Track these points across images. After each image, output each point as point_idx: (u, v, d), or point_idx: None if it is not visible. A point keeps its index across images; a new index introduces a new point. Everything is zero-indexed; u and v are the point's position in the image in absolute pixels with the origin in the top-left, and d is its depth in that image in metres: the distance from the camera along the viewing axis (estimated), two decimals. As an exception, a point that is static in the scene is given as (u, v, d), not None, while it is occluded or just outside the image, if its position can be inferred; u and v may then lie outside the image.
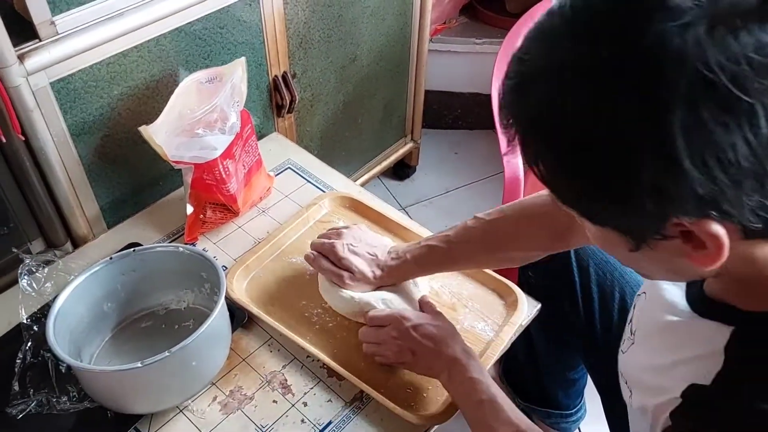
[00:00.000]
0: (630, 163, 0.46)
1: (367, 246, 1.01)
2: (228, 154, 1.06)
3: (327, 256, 1.01)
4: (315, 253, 1.02)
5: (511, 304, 1.04)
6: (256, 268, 1.08)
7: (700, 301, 0.65)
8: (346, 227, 1.05)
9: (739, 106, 0.43)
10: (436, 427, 0.91)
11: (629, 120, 0.45)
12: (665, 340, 0.70)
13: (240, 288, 1.04)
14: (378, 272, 1.00)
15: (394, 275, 1.00)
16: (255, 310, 0.99)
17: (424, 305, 0.99)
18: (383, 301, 0.99)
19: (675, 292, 0.70)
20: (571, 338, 1.12)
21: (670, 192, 0.46)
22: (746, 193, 0.46)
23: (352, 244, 1.00)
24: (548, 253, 0.94)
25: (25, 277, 0.93)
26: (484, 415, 0.82)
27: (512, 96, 0.52)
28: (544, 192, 0.92)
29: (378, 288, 1.01)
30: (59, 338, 0.83)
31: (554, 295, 1.10)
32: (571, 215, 0.57)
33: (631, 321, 0.81)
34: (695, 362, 0.62)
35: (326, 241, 1.02)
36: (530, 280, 1.14)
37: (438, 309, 0.98)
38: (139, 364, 0.77)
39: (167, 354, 0.78)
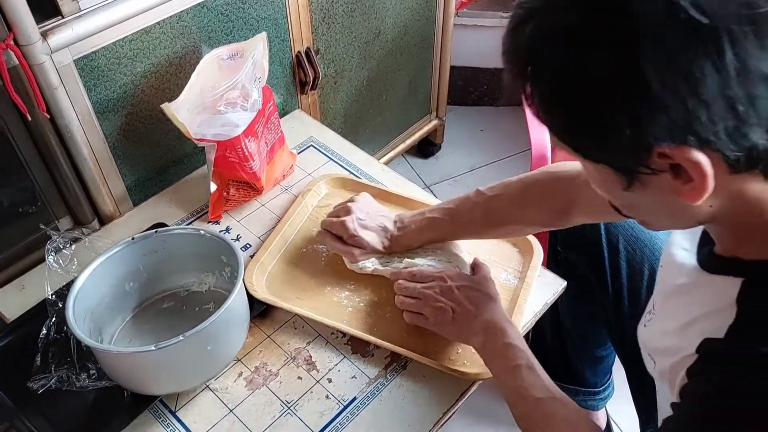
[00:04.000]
0: (605, 92, 0.50)
1: (376, 217, 1.03)
2: (250, 131, 1.05)
3: (339, 234, 1.01)
4: (325, 232, 1.03)
5: (526, 250, 1.06)
6: (271, 264, 1.05)
7: (709, 260, 0.66)
8: (350, 200, 1.04)
9: (702, 30, 0.46)
10: (459, 405, 0.90)
11: (602, 50, 0.49)
12: (679, 302, 0.70)
13: (260, 286, 1.01)
14: (387, 243, 1.02)
15: (399, 244, 1.02)
16: (286, 306, 0.98)
17: (478, 267, 1.00)
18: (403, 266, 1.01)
19: (686, 256, 0.71)
20: (598, 315, 1.11)
21: (644, 118, 0.49)
22: (719, 116, 0.48)
23: (360, 218, 1.01)
24: (548, 228, 1.00)
25: (52, 254, 0.94)
26: (520, 380, 0.82)
27: (509, 36, 0.56)
28: (548, 167, 0.95)
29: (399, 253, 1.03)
30: (78, 317, 0.83)
31: (583, 271, 1.09)
32: (572, 190, 0.60)
33: (652, 296, 0.81)
34: (708, 318, 0.62)
35: (335, 219, 1.02)
36: (559, 256, 1.12)
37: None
38: (153, 347, 0.78)
39: (181, 338, 0.78)
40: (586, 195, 0.84)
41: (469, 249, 1.06)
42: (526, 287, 1.00)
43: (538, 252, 1.04)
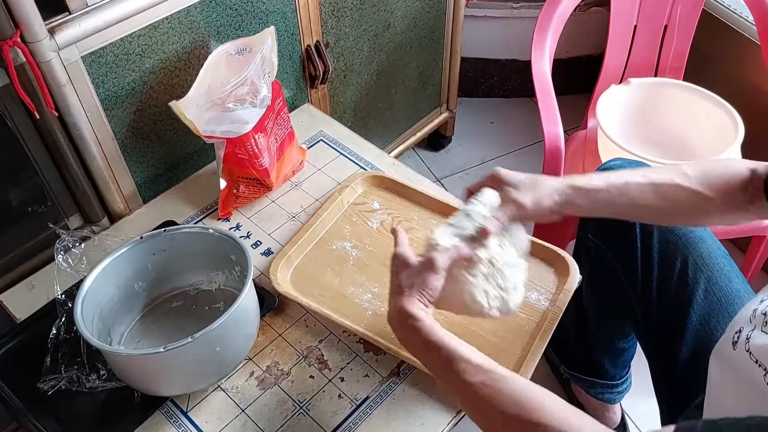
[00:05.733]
0: None
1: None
2: (260, 127, 1.04)
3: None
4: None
5: (562, 271, 1.02)
6: (298, 259, 1.04)
7: None
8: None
9: None
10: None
11: None
12: None
13: (285, 280, 1.01)
14: (558, 198, 0.84)
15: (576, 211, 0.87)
16: (305, 302, 0.97)
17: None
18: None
19: None
20: (624, 306, 1.09)
21: None
22: None
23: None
24: (733, 219, 0.88)
25: (61, 253, 0.93)
26: (455, 375, 0.71)
27: None
28: (738, 163, 0.85)
29: None
30: (87, 318, 0.82)
31: (612, 260, 1.07)
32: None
33: None
34: None
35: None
36: (589, 243, 1.11)
37: None
38: (162, 349, 0.77)
39: (189, 340, 0.77)
40: None
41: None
42: (556, 311, 0.96)
43: (574, 275, 1.00)
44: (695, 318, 0.99)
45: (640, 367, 1.17)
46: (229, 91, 1.02)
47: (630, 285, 1.05)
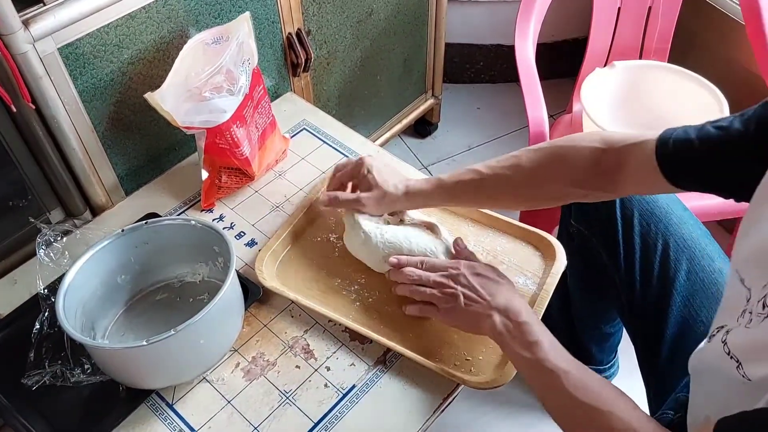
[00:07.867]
0: None
1: (388, 169, 1.01)
2: (238, 116, 1.03)
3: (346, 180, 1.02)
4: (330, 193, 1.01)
5: (548, 255, 1.02)
6: (283, 252, 1.04)
7: None
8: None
9: None
10: (460, 388, 0.89)
11: None
12: None
13: (271, 274, 1.00)
14: (401, 186, 0.97)
15: (419, 196, 0.96)
16: (292, 295, 0.96)
17: (462, 251, 0.96)
18: (407, 238, 0.97)
19: None
20: (608, 290, 1.09)
21: None
22: None
23: (373, 165, 1.00)
24: (587, 194, 0.88)
25: (43, 247, 0.92)
26: (543, 354, 0.81)
27: None
28: (594, 132, 0.88)
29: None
30: (69, 312, 0.82)
31: (594, 245, 1.07)
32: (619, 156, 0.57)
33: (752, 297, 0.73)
34: None
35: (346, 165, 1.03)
36: (571, 229, 1.11)
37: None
38: (144, 342, 0.76)
39: (172, 333, 0.77)
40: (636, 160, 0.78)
41: (487, 247, 1.04)
42: (544, 295, 0.96)
43: (561, 258, 1.00)
44: (679, 299, 0.99)
45: (629, 350, 1.17)
46: (204, 80, 1.00)
47: (613, 269, 1.06)
